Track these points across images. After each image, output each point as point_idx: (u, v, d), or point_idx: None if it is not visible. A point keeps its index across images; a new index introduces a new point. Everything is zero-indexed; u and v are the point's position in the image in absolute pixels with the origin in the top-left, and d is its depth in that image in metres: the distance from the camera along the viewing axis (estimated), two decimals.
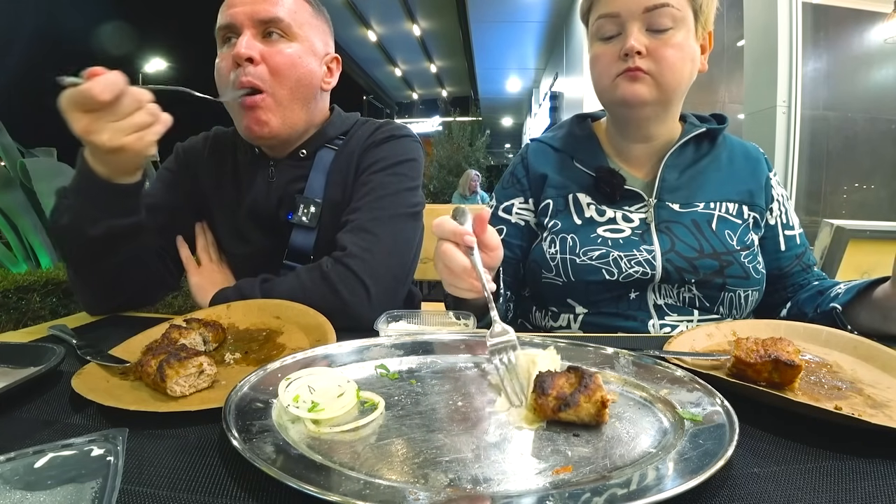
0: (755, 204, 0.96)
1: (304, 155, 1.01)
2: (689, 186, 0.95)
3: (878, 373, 0.59)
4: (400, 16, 10.29)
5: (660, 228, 0.92)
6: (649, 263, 0.89)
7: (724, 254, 0.89)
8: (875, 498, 0.36)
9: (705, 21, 0.90)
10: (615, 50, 0.89)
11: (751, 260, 0.91)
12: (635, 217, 0.93)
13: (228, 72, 0.91)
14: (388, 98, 18.82)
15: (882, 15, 3.52)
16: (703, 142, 0.98)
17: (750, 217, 0.95)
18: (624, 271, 0.89)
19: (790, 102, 3.28)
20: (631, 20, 0.87)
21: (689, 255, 0.89)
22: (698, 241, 0.90)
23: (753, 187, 0.96)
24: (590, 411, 0.44)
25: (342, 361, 0.58)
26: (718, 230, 0.91)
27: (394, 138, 1.02)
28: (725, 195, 0.94)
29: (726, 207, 0.94)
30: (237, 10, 0.91)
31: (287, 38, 0.93)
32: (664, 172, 0.94)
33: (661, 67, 0.87)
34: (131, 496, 0.36)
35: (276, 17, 0.91)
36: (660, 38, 0.86)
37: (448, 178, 10.80)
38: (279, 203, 1.00)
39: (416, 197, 0.99)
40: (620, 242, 0.90)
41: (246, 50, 0.89)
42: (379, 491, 0.35)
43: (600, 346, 0.59)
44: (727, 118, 1.01)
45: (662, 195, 0.94)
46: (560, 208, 0.97)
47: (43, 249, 2.36)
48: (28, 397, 0.53)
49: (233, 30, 0.92)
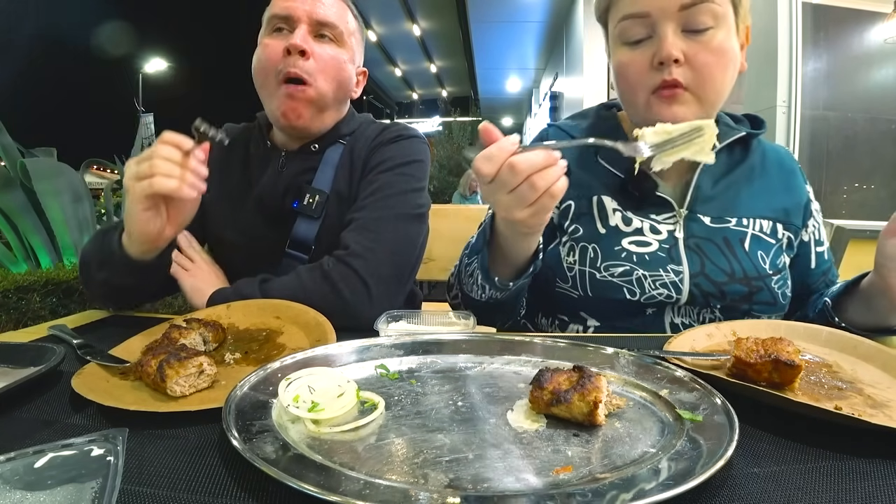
0: (791, 223, 0.88)
1: (315, 149, 1.03)
2: (723, 198, 0.87)
3: (878, 373, 0.59)
4: (400, 16, 10.28)
5: (689, 245, 0.84)
6: (675, 286, 0.81)
7: (755, 278, 0.82)
8: (875, 498, 0.36)
9: (745, 14, 0.80)
10: (646, 57, 0.77)
11: (781, 285, 0.84)
12: (663, 229, 0.85)
13: (275, 58, 0.94)
14: (388, 98, 18.82)
15: (882, 15, 3.52)
16: (736, 147, 0.90)
17: (784, 237, 0.87)
18: (647, 292, 0.81)
19: (790, 102, 3.28)
20: (664, 20, 0.75)
21: (719, 279, 0.82)
22: (730, 263, 0.83)
23: (790, 205, 0.89)
24: (582, 410, 0.45)
25: (342, 361, 0.58)
26: (751, 251, 0.84)
27: (402, 139, 1.03)
28: (760, 211, 0.87)
29: (760, 225, 0.86)
30: (297, 5, 0.95)
31: (335, 43, 0.99)
32: (700, 180, 0.86)
33: (702, 78, 0.76)
34: (131, 496, 0.36)
35: (331, 21, 0.97)
36: (698, 40, 0.75)
37: (448, 178, 10.79)
38: (286, 192, 1.01)
39: (421, 198, 0.99)
40: (647, 259, 0.82)
41: (301, 42, 0.92)
42: (379, 491, 0.35)
43: (600, 346, 0.59)
44: (764, 121, 0.92)
45: (695, 206, 0.85)
46: (583, 211, 0.88)
47: (43, 249, 2.36)
48: (28, 397, 0.53)
49: (288, 21, 0.95)
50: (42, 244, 2.36)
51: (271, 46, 0.95)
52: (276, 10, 0.96)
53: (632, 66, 0.79)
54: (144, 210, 0.74)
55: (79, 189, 2.47)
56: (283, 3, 0.96)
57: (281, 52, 0.94)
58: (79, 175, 2.61)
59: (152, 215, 0.75)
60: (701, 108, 0.79)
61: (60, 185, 2.37)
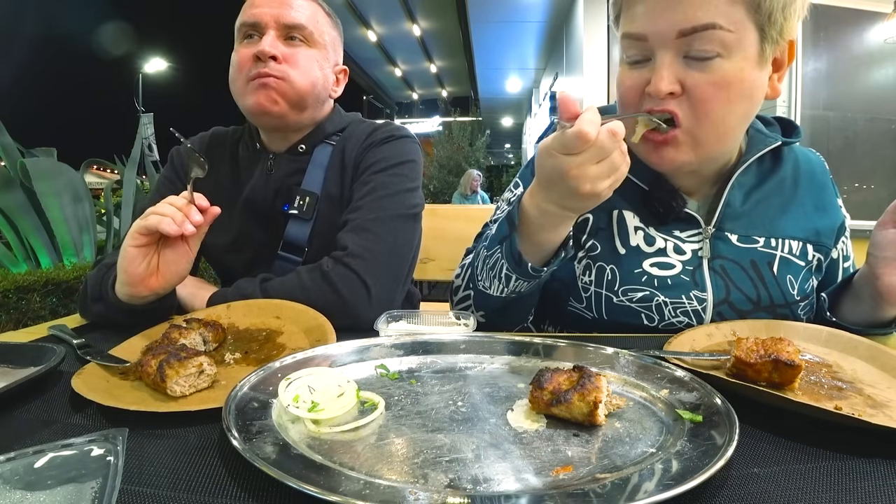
0: (822, 244, 0.81)
1: (302, 150, 1.03)
2: (752, 215, 0.80)
3: (878, 373, 0.59)
4: (400, 16, 10.29)
5: (714, 268, 0.78)
6: (697, 315, 0.76)
7: (782, 306, 0.78)
8: (875, 498, 0.36)
9: (780, 32, 0.66)
10: (642, 81, 0.69)
11: (807, 311, 0.80)
12: (687, 248, 0.79)
13: (246, 65, 0.94)
14: (388, 98, 18.82)
15: (882, 15, 3.52)
16: (767, 155, 0.82)
17: (814, 259, 0.81)
18: (667, 319, 0.76)
19: (790, 102, 3.28)
20: (661, 48, 0.66)
21: (744, 307, 0.77)
22: (756, 289, 0.77)
23: (821, 225, 0.82)
24: (582, 410, 0.45)
25: (342, 361, 0.58)
26: (780, 275, 0.78)
27: (394, 139, 1.03)
28: (790, 231, 0.80)
29: (790, 246, 0.79)
30: (264, 11, 0.94)
31: (307, 45, 0.98)
32: (730, 195, 0.78)
33: (698, 115, 0.67)
34: (131, 496, 0.36)
35: (300, 24, 0.96)
36: (702, 69, 0.65)
37: (448, 178, 10.81)
38: (276, 195, 1.01)
39: (415, 198, 1.00)
40: (668, 284, 0.77)
41: (270, 48, 0.93)
42: (379, 491, 0.35)
43: (600, 347, 0.59)
44: (798, 127, 0.84)
45: (723, 223, 0.79)
46: (601, 226, 0.81)
47: (43, 249, 2.36)
48: (28, 397, 0.53)
49: (256, 28, 0.95)
50: (42, 244, 2.36)
51: (242, 54, 0.95)
52: (245, 17, 0.96)
53: (628, 86, 0.72)
54: (133, 246, 0.73)
55: (79, 189, 2.47)
56: (251, 9, 0.96)
57: (251, 59, 0.94)
58: (79, 175, 2.61)
59: (139, 254, 0.74)
60: (697, 151, 0.70)
61: (60, 185, 2.38)
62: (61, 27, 17.12)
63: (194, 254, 0.79)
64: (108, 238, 2.72)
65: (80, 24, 16.19)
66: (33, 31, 15.77)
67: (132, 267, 0.74)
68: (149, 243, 0.75)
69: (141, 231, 0.73)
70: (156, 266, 0.76)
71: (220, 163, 1.07)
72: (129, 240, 0.74)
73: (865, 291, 0.75)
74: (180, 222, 0.72)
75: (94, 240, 2.56)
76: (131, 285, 0.75)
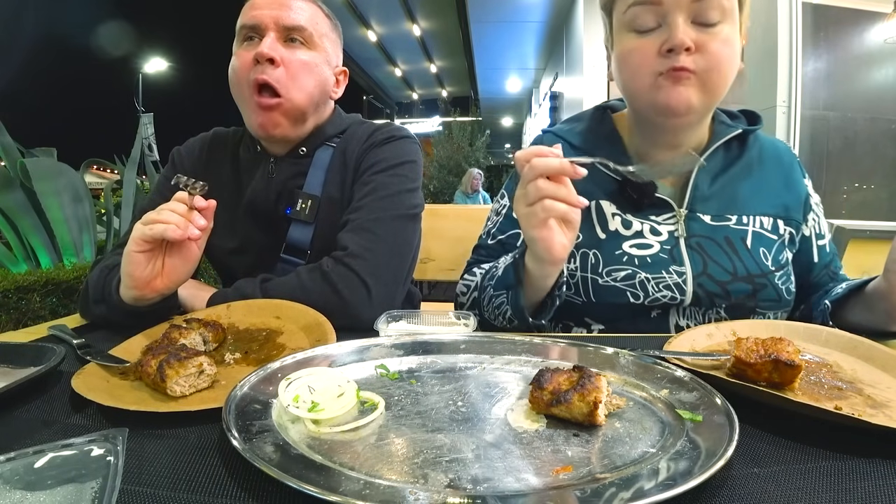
0: (791, 218, 0.88)
1: (303, 153, 1.03)
2: (721, 196, 0.87)
3: (878, 373, 0.59)
4: (400, 16, 10.29)
5: (690, 245, 0.84)
6: (679, 288, 0.82)
7: (759, 276, 0.83)
8: (875, 498, 0.36)
9: (747, 14, 0.81)
10: (654, 45, 0.77)
11: (784, 280, 0.85)
12: (664, 229, 0.85)
13: (246, 68, 0.94)
14: (388, 98, 18.82)
15: (882, 15, 3.52)
16: (733, 143, 0.91)
17: (786, 233, 0.88)
18: (651, 295, 0.82)
19: (790, 102, 3.28)
20: (676, 10, 0.76)
21: (722, 278, 0.82)
22: (732, 262, 0.83)
23: (789, 201, 0.89)
24: (582, 410, 0.45)
25: (342, 361, 0.58)
26: (753, 249, 0.84)
27: (394, 139, 1.03)
28: (760, 208, 0.87)
29: (761, 222, 0.86)
30: (264, 13, 0.94)
31: (306, 46, 0.97)
32: (697, 179, 0.86)
33: (710, 66, 0.76)
34: (131, 496, 0.36)
35: (299, 25, 0.95)
36: (708, 32, 0.76)
37: (448, 178, 10.80)
38: (278, 198, 1.01)
39: (415, 198, 1.00)
40: (648, 261, 0.83)
41: (269, 50, 0.92)
42: (379, 491, 0.35)
43: (600, 347, 0.59)
44: (760, 116, 0.93)
45: (694, 205, 0.86)
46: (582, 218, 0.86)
47: (43, 249, 2.36)
48: (28, 397, 0.53)
49: (256, 30, 0.95)
50: (42, 244, 2.36)
51: (241, 57, 0.95)
52: (245, 19, 0.95)
53: (638, 51, 0.79)
54: (136, 252, 0.73)
55: (79, 189, 2.47)
56: (251, 11, 0.95)
57: (250, 62, 0.93)
58: (79, 175, 2.61)
59: (143, 259, 0.74)
60: (705, 95, 0.78)
61: (60, 185, 2.37)
62: (61, 27, 17.16)
63: (200, 252, 0.79)
64: (108, 238, 2.72)
65: (80, 24, 16.23)
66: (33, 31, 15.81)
67: (137, 271, 0.74)
68: (153, 248, 0.75)
69: (145, 238, 0.73)
70: (160, 268, 0.76)
71: (221, 165, 1.07)
72: (133, 245, 0.73)
73: (880, 306, 0.75)
74: (185, 228, 0.72)
75: (94, 240, 2.56)
76: (137, 289, 0.75)
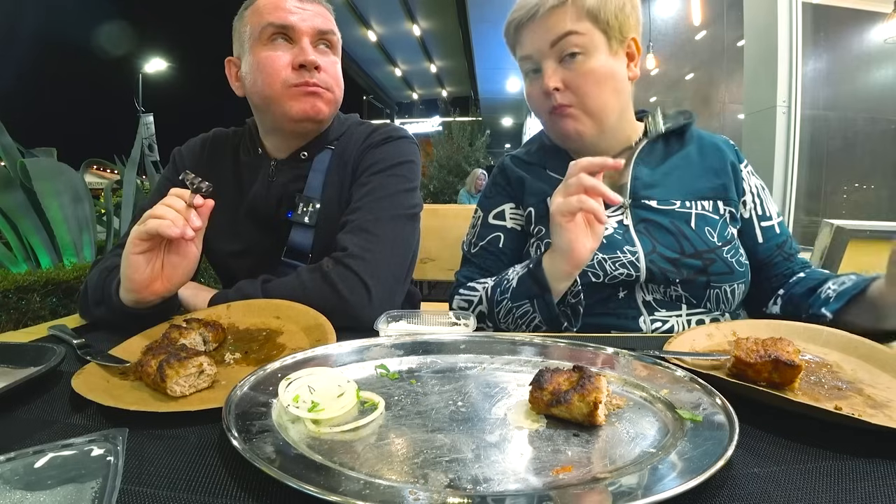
0: (729, 198, 0.95)
1: (304, 156, 1.03)
2: (664, 183, 0.95)
3: (878, 373, 0.59)
4: (400, 16, 10.30)
5: (639, 230, 0.91)
6: (633, 265, 0.88)
7: (706, 252, 0.89)
8: (875, 498, 0.36)
9: (620, 32, 0.90)
10: (540, 87, 0.91)
11: (733, 254, 0.91)
12: (613, 220, 0.93)
13: (283, 70, 0.94)
14: (388, 98, 18.83)
15: (882, 15, 3.52)
16: (672, 139, 0.99)
17: (726, 212, 0.95)
18: (609, 273, 0.88)
19: (790, 102, 3.28)
20: (543, 58, 0.90)
21: (672, 255, 0.89)
22: (679, 242, 0.90)
23: (725, 181, 0.96)
24: (582, 410, 0.45)
25: (342, 361, 0.58)
26: (698, 228, 0.91)
27: (392, 140, 1.03)
28: (700, 192, 0.95)
29: (702, 205, 0.94)
30: (301, 18, 0.94)
31: (332, 51, 1.00)
32: (636, 171, 0.95)
33: (580, 97, 0.89)
34: (131, 496, 0.36)
35: (331, 29, 0.98)
36: (573, 67, 0.88)
37: (448, 178, 10.79)
38: (279, 202, 1.01)
39: (414, 198, 1.00)
40: (604, 243, 0.89)
41: (315, 58, 0.94)
42: (379, 491, 0.35)
43: (600, 347, 0.59)
44: (694, 114, 1.02)
45: (638, 193, 0.94)
46: (542, 214, 0.97)
47: (43, 249, 2.36)
48: (28, 397, 0.53)
49: (288, 32, 0.94)
50: (42, 244, 2.36)
51: (276, 59, 0.93)
52: (273, 18, 0.93)
53: (532, 94, 0.95)
54: (135, 253, 0.73)
55: (79, 189, 2.47)
56: (281, 13, 0.93)
57: (288, 66, 0.93)
58: (79, 175, 2.61)
59: (142, 261, 0.73)
60: (591, 118, 0.92)
61: (60, 185, 2.37)
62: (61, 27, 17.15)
63: (199, 251, 0.78)
64: (108, 238, 2.72)
65: (80, 24, 16.23)
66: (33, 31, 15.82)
67: (137, 274, 0.73)
68: (151, 248, 0.74)
69: (141, 237, 0.72)
70: (160, 270, 0.76)
71: (222, 166, 1.07)
72: (131, 247, 0.73)
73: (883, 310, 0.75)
74: (181, 226, 0.71)
75: (94, 240, 2.56)
76: (136, 292, 0.75)
